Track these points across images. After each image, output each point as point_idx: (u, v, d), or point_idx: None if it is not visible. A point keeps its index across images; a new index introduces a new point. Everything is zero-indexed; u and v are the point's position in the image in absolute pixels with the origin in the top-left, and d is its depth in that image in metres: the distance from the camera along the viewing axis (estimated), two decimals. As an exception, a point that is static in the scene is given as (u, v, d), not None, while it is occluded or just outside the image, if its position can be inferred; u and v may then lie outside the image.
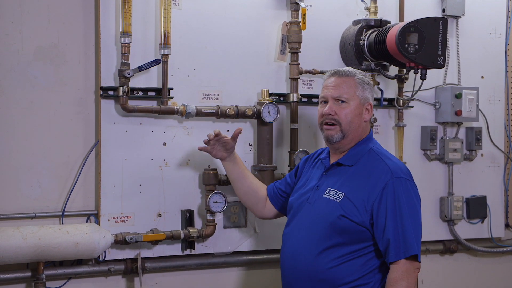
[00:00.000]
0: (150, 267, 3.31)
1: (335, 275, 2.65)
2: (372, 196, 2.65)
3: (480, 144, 4.05)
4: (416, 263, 2.63)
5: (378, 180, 2.67)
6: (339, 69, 2.85)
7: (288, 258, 2.80)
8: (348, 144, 2.81)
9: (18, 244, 2.92)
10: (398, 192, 2.64)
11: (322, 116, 2.81)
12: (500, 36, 4.18)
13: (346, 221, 2.65)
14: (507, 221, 4.28)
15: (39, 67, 3.15)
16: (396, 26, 3.41)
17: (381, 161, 2.74)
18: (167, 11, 3.22)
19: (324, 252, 2.67)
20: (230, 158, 3.14)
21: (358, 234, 2.66)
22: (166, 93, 3.25)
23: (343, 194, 2.70)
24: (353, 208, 2.66)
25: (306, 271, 2.70)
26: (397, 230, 2.60)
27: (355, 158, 2.78)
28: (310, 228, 2.74)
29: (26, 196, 3.13)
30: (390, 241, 2.60)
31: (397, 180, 2.66)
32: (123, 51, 3.16)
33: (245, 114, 3.38)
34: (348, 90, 2.77)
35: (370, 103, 2.83)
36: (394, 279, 2.60)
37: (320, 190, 2.79)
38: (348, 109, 2.77)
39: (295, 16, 3.51)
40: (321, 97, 2.84)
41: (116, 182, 3.23)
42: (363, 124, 2.82)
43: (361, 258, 2.67)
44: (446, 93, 3.92)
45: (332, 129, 2.78)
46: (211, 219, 3.34)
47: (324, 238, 2.68)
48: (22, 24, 3.12)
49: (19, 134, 3.12)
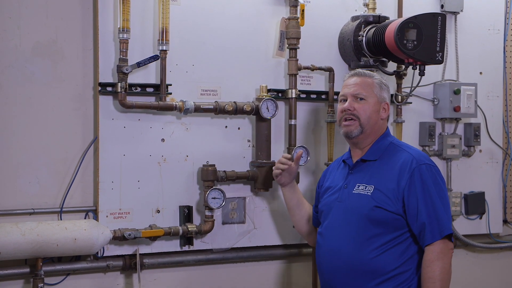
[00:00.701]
0: (149, 263, 3.31)
1: (378, 264, 2.75)
2: (401, 184, 2.77)
3: (478, 140, 4.05)
4: (450, 244, 2.75)
5: (404, 169, 2.79)
6: (359, 70, 3.04)
7: (326, 255, 2.89)
8: (366, 139, 2.93)
9: (17, 240, 2.92)
10: (425, 177, 2.77)
11: (341, 112, 2.94)
12: (499, 32, 4.18)
13: (382, 211, 2.76)
14: (505, 217, 4.28)
15: (37, 63, 3.14)
16: (395, 22, 3.40)
17: (404, 151, 2.88)
18: (166, 7, 3.21)
19: (364, 243, 2.77)
20: (291, 185, 3.25)
21: (393, 222, 2.77)
22: (164, 89, 3.25)
23: (373, 187, 2.81)
24: (386, 198, 2.77)
25: (348, 264, 2.79)
26: (430, 213, 2.73)
27: (378, 153, 2.91)
28: (345, 224, 2.84)
29: (24, 192, 3.13)
30: (425, 224, 2.72)
31: (423, 166, 2.79)
32: (122, 47, 3.16)
33: (243, 110, 3.38)
34: (366, 88, 2.93)
35: (387, 103, 2.99)
36: (430, 260, 2.70)
37: (349, 188, 2.89)
38: (366, 105, 2.92)
39: (293, 12, 3.51)
40: (340, 96, 2.99)
41: (114, 178, 3.23)
42: (380, 122, 2.96)
43: (399, 246, 2.77)
44: (445, 89, 3.92)
45: (351, 124, 2.91)
46: (209, 215, 3.34)
47: (362, 231, 2.78)
48: (20, 19, 3.11)
49: (17, 130, 3.11)
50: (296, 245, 3.66)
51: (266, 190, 3.48)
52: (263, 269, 3.63)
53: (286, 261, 3.68)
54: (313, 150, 3.62)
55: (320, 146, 3.68)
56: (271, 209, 3.57)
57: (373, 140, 2.94)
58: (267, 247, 3.59)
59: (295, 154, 3.34)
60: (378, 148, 2.92)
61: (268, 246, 3.59)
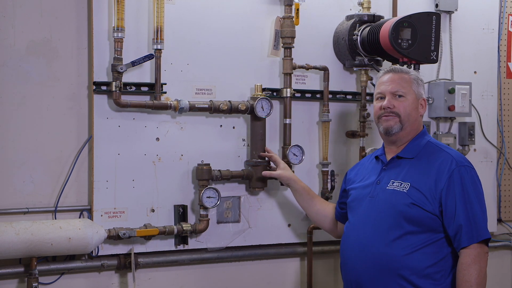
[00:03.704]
0: (143, 262, 3.31)
1: (409, 262, 2.69)
2: (440, 184, 2.72)
3: (473, 139, 4.06)
4: (486, 248, 2.71)
5: (443, 169, 2.74)
6: (394, 67, 2.98)
7: (355, 249, 2.83)
8: (405, 137, 2.88)
9: (11, 239, 2.91)
10: (465, 179, 2.73)
11: (380, 110, 2.88)
12: (493, 32, 4.19)
13: (418, 210, 2.72)
14: (500, 216, 4.30)
15: (32, 61, 3.14)
16: (389, 21, 3.41)
17: (443, 151, 2.82)
18: (160, 6, 3.21)
19: (397, 240, 2.72)
20: (293, 188, 3.32)
21: (428, 222, 2.72)
22: (159, 88, 3.25)
23: (409, 184, 2.76)
24: (422, 197, 2.73)
25: (379, 260, 2.73)
26: (468, 216, 2.68)
27: (415, 151, 2.86)
28: (376, 219, 2.79)
29: (18, 191, 3.12)
30: (462, 226, 2.66)
31: (463, 168, 2.75)
32: (116, 46, 3.15)
33: (238, 109, 3.38)
34: (405, 85, 2.88)
35: (424, 99, 2.94)
36: (466, 264, 2.66)
37: (382, 184, 2.84)
38: (406, 102, 2.86)
39: (288, 11, 3.51)
40: (377, 93, 2.92)
41: (109, 177, 3.22)
42: (419, 118, 2.92)
43: (433, 246, 2.72)
44: (439, 88, 3.93)
45: (391, 120, 2.86)
46: (204, 214, 3.34)
47: (395, 227, 2.73)
48: (15, 18, 3.10)
49: (12, 129, 3.11)
50: (291, 244, 3.67)
51: (261, 189, 3.48)
52: (258, 268, 3.63)
53: (281, 260, 3.68)
54: (308, 149, 3.62)
55: (314, 145, 3.68)
56: (266, 208, 3.57)
57: (411, 138, 2.89)
58: (262, 246, 3.59)
59: (290, 153, 3.37)
60: (416, 146, 2.86)
61: (263, 245, 3.59)
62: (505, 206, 4.32)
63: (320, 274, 3.71)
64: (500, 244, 4.26)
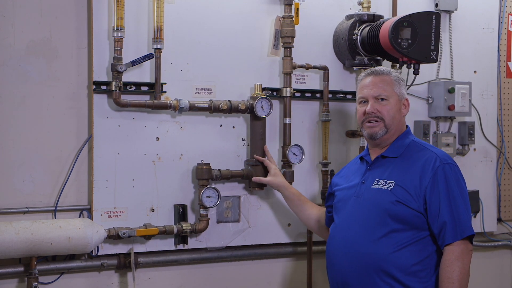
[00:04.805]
0: (143, 262, 3.31)
1: (396, 260, 2.70)
2: (424, 182, 2.73)
3: (472, 138, 4.06)
4: (470, 245, 2.71)
5: (427, 167, 2.75)
6: (374, 69, 2.97)
7: (342, 249, 2.82)
8: (389, 138, 2.90)
9: (11, 239, 2.91)
10: (449, 177, 2.74)
11: (364, 115, 2.89)
12: (493, 31, 4.19)
13: (403, 207, 2.72)
14: (500, 216, 4.29)
15: (32, 61, 3.13)
16: (389, 20, 3.41)
17: (427, 150, 2.84)
18: (160, 5, 3.21)
19: (383, 238, 2.72)
20: (284, 195, 3.33)
21: (413, 220, 2.72)
22: (159, 87, 3.25)
23: (394, 183, 2.77)
24: (407, 194, 2.74)
25: (366, 258, 2.74)
26: (452, 213, 2.69)
27: (399, 150, 2.87)
28: (362, 218, 2.79)
29: (18, 191, 3.12)
30: (446, 223, 2.68)
31: (447, 166, 2.76)
32: (116, 45, 3.15)
33: (238, 109, 3.38)
34: (386, 88, 2.88)
35: (406, 98, 2.96)
36: (449, 260, 2.66)
37: (367, 183, 2.85)
38: (389, 105, 2.87)
39: (288, 10, 3.51)
40: (360, 97, 2.92)
41: (109, 177, 3.22)
42: (402, 119, 2.94)
43: (417, 244, 2.73)
44: (439, 88, 3.93)
45: (376, 126, 2.87)
46: (204, 213, 3.34)
47: (380, 225, 2.74)
48: (14, 18, 3.10)
49: (12, 128, 3.11)
50: (291, 243, 3.67)
51: (260, 189, 3.48)
52: (258, 268, 3.63)
53: (281, 259, 3.68)
54: (308, 148, 3.62)
55: (314, 144, 3.68)
56: (265, 208, 3.57)
57: (395, 138, 2.90)
58: (262, 246, 3.59)
59: (289, 153, 3.36)
60: (400, 145, 2.88)
61: (262, 244, 3.59)
62: (505, 205, 4.32)
63: (320, 274, 3.71)
64: (500, 244, 4.25)
